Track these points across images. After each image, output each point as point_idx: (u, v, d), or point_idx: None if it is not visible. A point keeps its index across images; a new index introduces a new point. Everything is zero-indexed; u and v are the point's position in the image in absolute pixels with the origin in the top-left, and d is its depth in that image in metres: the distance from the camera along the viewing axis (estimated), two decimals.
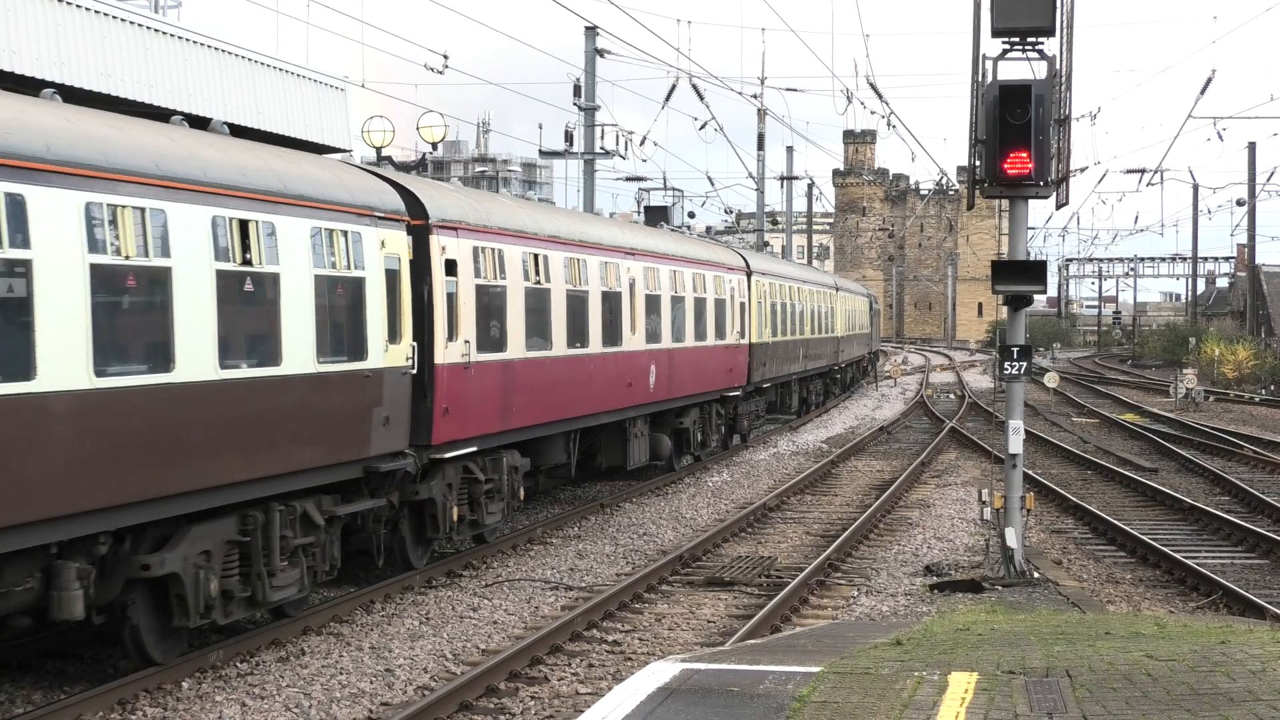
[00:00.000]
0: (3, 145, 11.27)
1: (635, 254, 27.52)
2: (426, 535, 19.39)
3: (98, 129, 12.92)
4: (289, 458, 15.18)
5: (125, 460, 12.75)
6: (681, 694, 10.50)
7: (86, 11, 21.25)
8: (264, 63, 26.07)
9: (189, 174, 13.62)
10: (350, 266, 16.36)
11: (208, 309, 13.72)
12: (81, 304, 12.06)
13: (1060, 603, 17.83)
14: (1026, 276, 18.97)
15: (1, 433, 11.25)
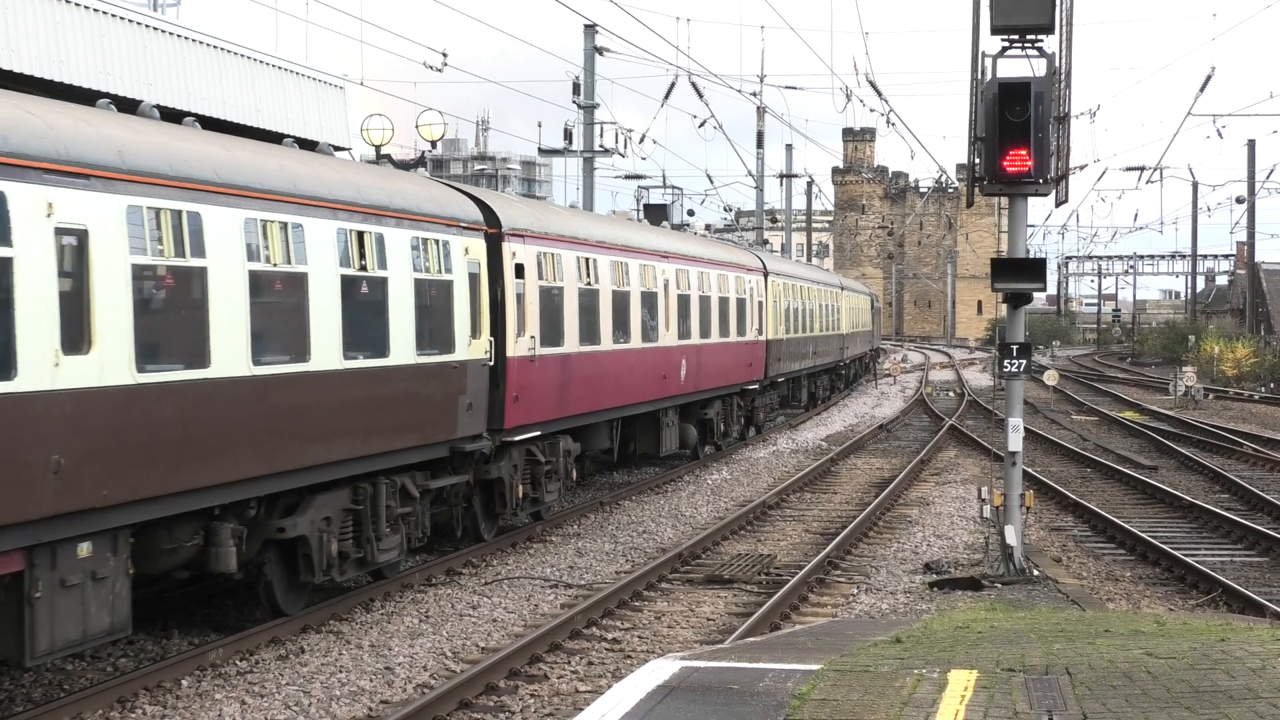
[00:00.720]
0: (186, 173, 13.66)
1: (669, 257, 29.93)
2: (494, 511, 21.61)
3: (248, 156, 15.19)
4: (393, 438, 17.46)
5: (272, 437, 14.90)
6: (681, 692, 10.50)
7: (85, 10, 21.24)
8: (263, 61, 26.06)
9: (318, 193, 15.85)
10: (441, 271, 18.73)
11: (334, 308, 15.99)
12: (243, 304, 14.26)
13: (1060, 600, 17.83)
14: (1026, 274, 18.96)
15: (185, 411, 13.50)
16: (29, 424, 11.60)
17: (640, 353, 27.42)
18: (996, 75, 18.45)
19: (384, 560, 17.68)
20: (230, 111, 23.81)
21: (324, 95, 28.15)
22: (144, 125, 14.17)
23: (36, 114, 12.28)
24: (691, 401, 32.20)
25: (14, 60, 19.24)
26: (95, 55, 21.35)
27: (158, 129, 14.32)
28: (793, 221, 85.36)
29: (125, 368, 12.66)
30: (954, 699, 9.93)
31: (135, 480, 12.90)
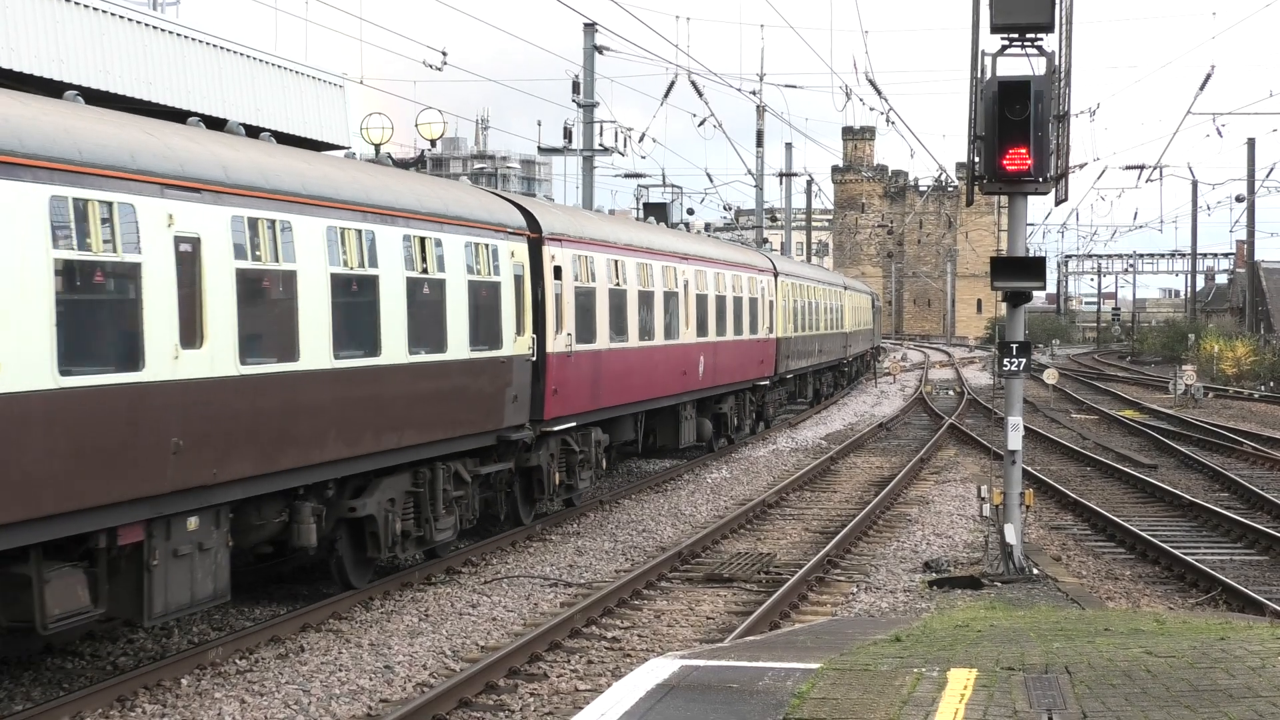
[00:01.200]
0: (278, 186, 15.13)
1: (688, 259, 31.56)
2: (533, 496, 23.09)
3: (329, 170, 16.92)
4: (449, 426, 19.03)
5: (350, 424, 16.43)
6: (680, 690, 10.50)
7: (85, 9, 21.24)
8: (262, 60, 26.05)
9: (387, 202, 17.49)
10: (490, 273, 20.27)
11: (401, 307, 17.51)
12: (326, 304, 15.80)
13: (1059, 599, 17.83)
14: (1025, 273, 18.96)
15: (280, 400, 15.05)
16: (155, 409, 13.11)
17: (663, 350, 29.07)
18: (996, 74, 18.44)
19: (440, 539, 19.26)
20: (230, 111, 23.81)
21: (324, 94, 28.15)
22: (238, 142, 15.68)
23: (156, 135, 13.84)
24: (708, 396, 33.86)
25: (13, 59, 19.24)
26: (95, 54, 21.35)
27: (251, 145, 15.88)
28: (792, 220, 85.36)
29: (231, 361, 14.20)
30: (953, 698, 9.93)
31: (238, 461, 14.37)
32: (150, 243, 13.02)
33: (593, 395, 24.69)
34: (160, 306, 13.11)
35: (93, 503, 12.48)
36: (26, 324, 11.62)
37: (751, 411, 40.08)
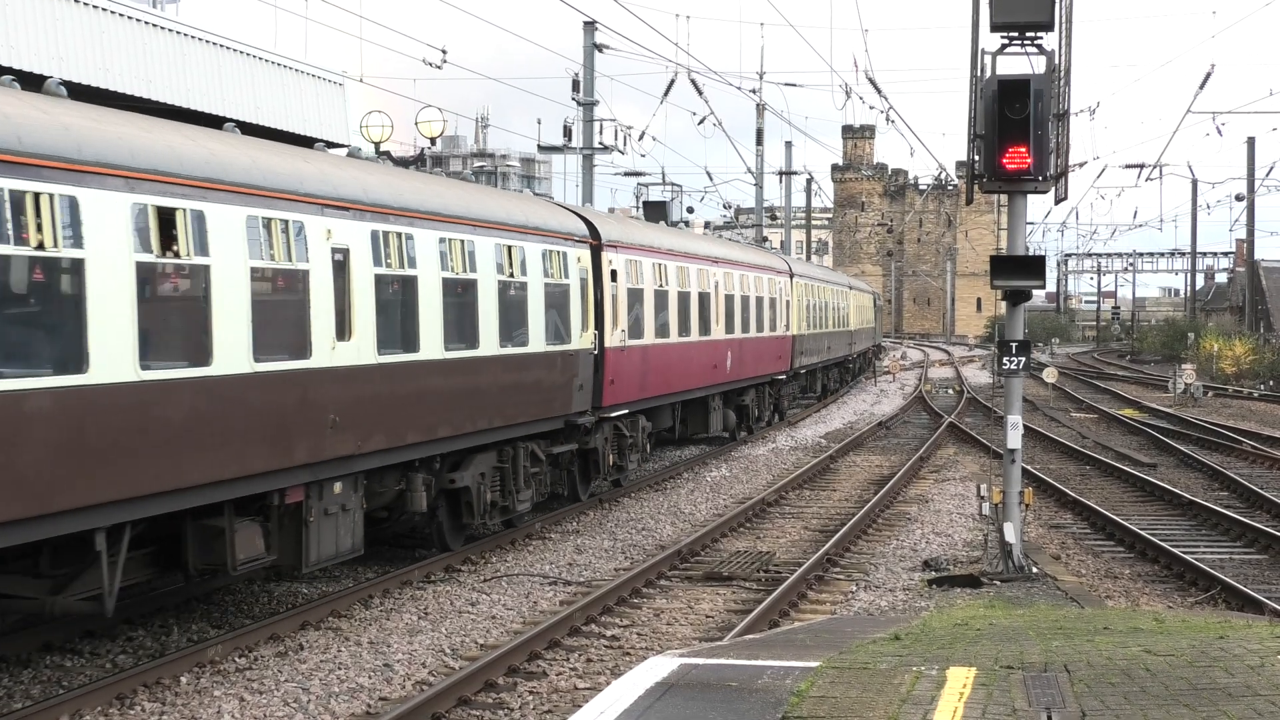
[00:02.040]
0: (404, 204, 17.83)
1: (719, 262, 34.39)
2: (589, 476, 25.69)
3: (440, 189, 19.71)
4: (528, 410, 21.72)
5: (456, 406, 19.08)
6: (679, 689, 10.50)
7: (85, 7, 21.23)
8: (262, 58, 26.05)
9: (485, 216, 20.34)
10: (561, 276, 22.93)
11: (494, 307, 20.17)
12: (439, 303, 18.38)
13: (1059, 598, 17.83)
14: (1025, 272, 18.96)
15: (406, 385, 17.60)
16: (318, 391, 15.70)
17: (698, 345, 31.94)
18: (996, 72, 18.44)
19: (520, 510, 22.04)
20: (230, 109, 23.81)
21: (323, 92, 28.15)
22: (371, 167, 18.51)
23: (313, 163, 16.46)
24: (733, 389, 36.77)
25: (13, 57, 19.24)
26: (94, 52, 21.34)
27: (381, 170, 18.70)
28: (792, 219, 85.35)
29: (371, 351, 16.83)
30: (952, 696, 9.93)
31: (375, 437, 16.89)
32: (315, 253, 15.70)
33: (641, 386, 27.42)
34: (322, 306, 15.77)
35: (272, 467, 14.94)
36: (232, 321, 14.10)
37: (770, 404, 43.12)
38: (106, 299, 12.42)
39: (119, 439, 12.75)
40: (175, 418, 13.47)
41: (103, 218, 12.42)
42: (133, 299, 12.71)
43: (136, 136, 13.33)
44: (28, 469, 11.68)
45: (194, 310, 13.84)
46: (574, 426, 23.79)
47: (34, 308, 12.08)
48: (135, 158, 12.97)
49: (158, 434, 13.24)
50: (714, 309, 33.34)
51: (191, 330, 13.83)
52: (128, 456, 12.89)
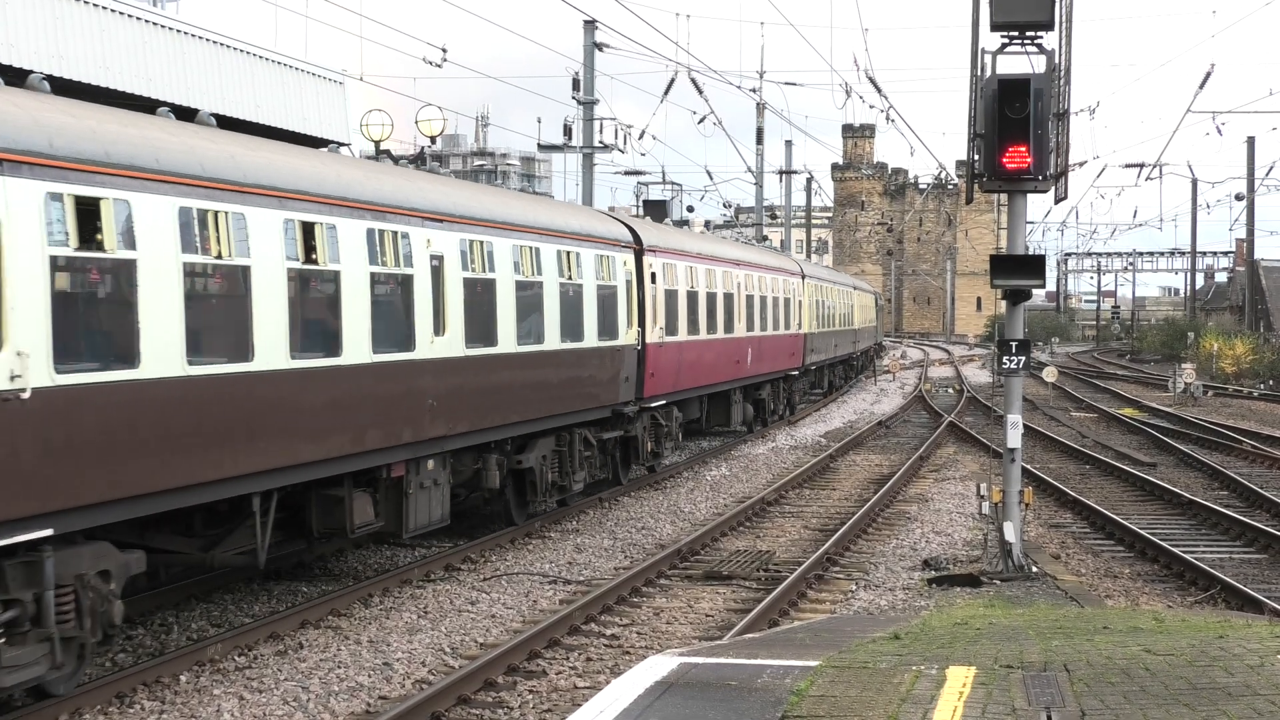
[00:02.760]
0: (486, 216, 20.48)
1: (740, 264, 36.68)
2: (628, 461, 28.22)
3: (514, 202, 22.69)
4: (583, 399, 24.12)
5: (526, 395, 21.63)
6: (679, 688, 10.50)
7: (84, 4, 21.23)
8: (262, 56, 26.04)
9: (548, 225, 22.86)
10: (610, 278, 25.36)
11: (556, 305, 22.66)
12: (512, 303, 20.91)
13: (1058, 597, 17.83)
14: (1025, 271, 18.95)
15: (488, 376, 20.12)
16: (420, 380, 18.04)
17: (723, 342, 34.28)
18: (996, 72, 18.43)
19: (575, 489, 24.55)
20: (230, 107, 23.80)
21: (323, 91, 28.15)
22: (457, 183, 21.59)
23: (415, 182, 18.93)
24: (751, 383, 39.23)
25: (13, 55, 19.23)
26: (95, 50, 21.33)
27: (466, 187, 21.83)
28: (792, 218, 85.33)
29: (460, 345, 19.19)
30: (952, 695, 9.93)
31: (462, 420, 19.30)
32: (418, 260, 18.11)
33: (675, 379, 29.78)
34: (423, 305, 18.13)
35: (382, 445, 17.14)
36: (358, 318, 16.49)
37: (784, 397, 45.80)
38: (266, 300, 14.64)
39: (274, 417, 14.96)
40: (316, 401, 15.80)
41: (263, 231, 14.61)
42: (284, 300, 14.96)
43: (283, 162, 15.59)
44: (211, 439, 13.86)
45: (330, 308, 16.08)
46: (619, 415, 26.28)
47: (215, 307, 14.27)
48: (284, 180, 15.22)
49: (302, 414, 15.55)
50: (737, 308, 35.65)
51: (328, 326, 16.08)
52: (281, 433, 15.11)
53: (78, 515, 12.32)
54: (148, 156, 13.09)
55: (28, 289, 11.49)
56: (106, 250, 12.46)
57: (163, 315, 13.13)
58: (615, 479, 27.61)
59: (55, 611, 12.11)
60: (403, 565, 19.45)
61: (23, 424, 11.50)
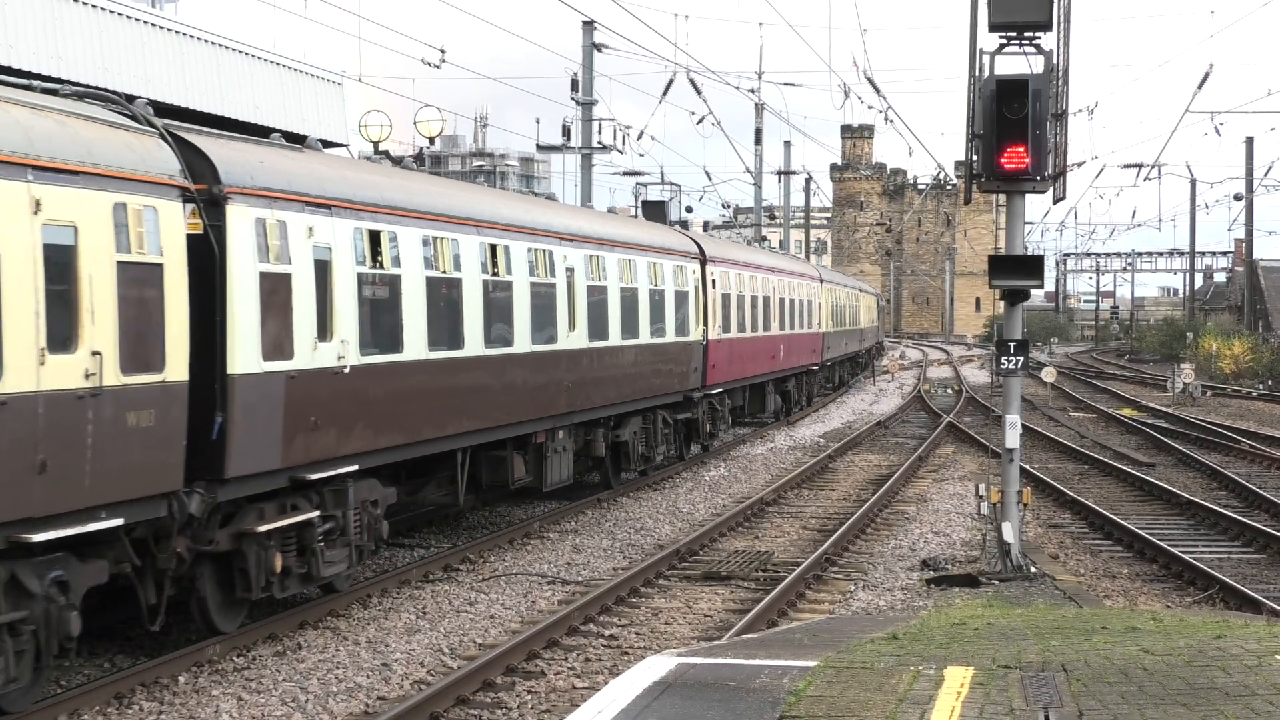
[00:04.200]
0: (601, 235, 25.75)
1: (775, 271, 42.05)
2: (690, 441, 33.08)
3: (618, 224, 29.20)
4: (663, 385, 29.18)
5: (625, 379, 26.58)
6: (677, 688, 10.50)
7: (83, 6, 21.22)
8: (261, 57, 26.03)
9: (642, 241, 28.59)
10: (684, 284, 30.68)
11: (647, 307, 27.79)
12: (618, 304, 26.04)
13: (1057, 597, 17.84)
14: (1024, 271, 18.96)
15: (600, 363, 24.90)
16: (559, 366, 23.12)
17: (763, 339, 39.28)
18: (994, 72, 18.44)
19: (658, 461, 29.82)
20: (229, 108, 23.79)
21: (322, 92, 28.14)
22: (579, 210, 29.18)
23: (552, 211, 25.00)
24: (780, 376, 43.88)
25: (11, 56, 19.22)
26: (93, 51, 21.33)
27: (586, 213, 28.46)
28: (791, 218, 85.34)
29: (584, 339, 24.26)
30: (950, 696, 9.94)
31: (584, 400, 24.24)
32: (558, 271, 23.12)
33: (728, 371, 34.53)
34: (561, 307, 23.12)
35: (532, 417, 22.18)
36: (523, 316, 21.60)
37: (805, 390, 50.66)
38: (471, 303, 19.83)
39: (473, 392, 20.03)
40: (497, 382, 20.78)
41: (469, 252, 19.88)
42: (480, 303, 20.07)
43: (482, 200, 21.77)
44: (440, 406, 18.94)
45: (506, 309, 21.16)
46: (689, 399, 31.27)
47: (442, 308, 18.98)
48: (483, 213, 20.80)
49: (489, 391, 20.53)
50: (772, 310, 40.64)
51: (506, 322, 21.12)
52: (477, 404, 20.20)
53: (369, 457, 17.03)
54: (405, 200, 18.23)
55: (347, 298, 16.39)
56: (384, 268, 17.37)
57: (415, 314, 18.11)
58: (680, 455, 32.23)
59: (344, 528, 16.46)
60: (401, 566, 19.45)
61: (345, 390, 16.34)
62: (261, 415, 14.85)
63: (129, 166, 12.99)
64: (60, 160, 12.08)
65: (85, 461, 12.26)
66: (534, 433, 22.40)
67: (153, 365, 13.11)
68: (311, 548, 15.74)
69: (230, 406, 14.24)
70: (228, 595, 15.02)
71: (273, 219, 15.08)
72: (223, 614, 15.09)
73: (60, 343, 11.97)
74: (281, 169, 15.71)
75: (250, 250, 14.65)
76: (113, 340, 12.53)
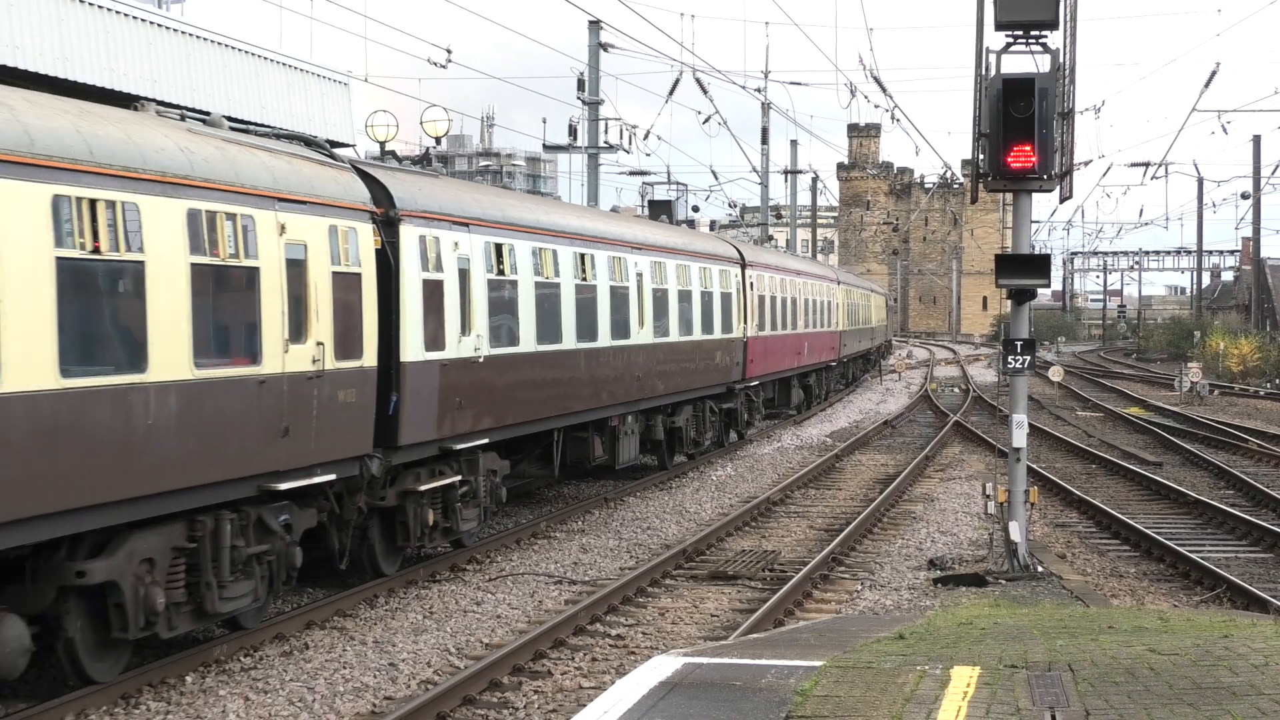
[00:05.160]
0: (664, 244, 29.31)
1: (800, 274, 46.01)
2: (729, 429, 36.55)
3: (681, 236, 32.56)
4: (711, 378, 32.68)
5: (681, 371, 29.89)
6: (684, 688, 10.50)
7: (90, 7, 21.24)
8: (268, 58, 26.06)
9: (696, 249, 32.41)
10: (728, 287, 34.15)
11: (699, 307, 31.36)
12: (676, 304, 29.40)
13: (1064, 597, 17.83)
14: (1030, 270, 18.95)
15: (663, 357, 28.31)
16: (631, 359, 26.37)
17: (791, 337, 43.23)
18: (1001, 71, 18.42)
19: (704, 445, 33.51)
20: (235, 108, 23.81)
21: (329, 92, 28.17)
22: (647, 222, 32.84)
23: (625, 223, 28.73)
24: (804, 371, 47.50)
25: (18, 56, 19.25)
26: (100, 52, 21.35)
27: (652, 225, 31.64)
28: (797, 217, 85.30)
29: (650, 335, 27.61)
30: (956, 695, 9.93)
31: (649, 388, 27.84)
32: (631, 276, 26.69)
33: (763, 365, 38.02)
34: (634, 309, 26.73)
35: (610, 402, 25.54)
36: (604, 314, 25.02)
37: (825, 385, 54.52)
38: (567, 304, 23.29)
39: (568, 381, 23.50)
40: (585, 373, 24.12)
41: (565, 260, 23.33)
42: (574, 303, 23.57)
43: (573, 216, 25.23)
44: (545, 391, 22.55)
45: (592, 308, 24.53)
46: (730, 391, 34.73)
47: (546, 309, 22.31)
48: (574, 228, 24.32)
49: (577, 381, 23.96)
50: (799, 310, 44.46)
51: (591, 320, 24.46)
52: (569, 389, 23.60)
53: (494, 432, 20.52)
54: (519, 218, 21.97)
55: (480, 300, 19.90)
56: (505, 275, 20.86)
57: (527, 314, 21.71)
58: (720, 442, 35.56)
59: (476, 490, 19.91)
60: (408, 566, 19.46)
61: (479, 377, 19.89)
62: (423, 396, 18.27)
63: (337, 196, 16.23)
64: (295, 193, 15.22)
65: (312, 428, 15.39)
66: (609, 417, 25.88)
67: (355, 353, 16.33)
68: (452, 507, 19.26)
69: (402, 388, 17.62)
70: (388, 544, 18.37)
71: (430, 235, 18.56)
72: (386, 559, 18.42)
73: (297, 335, 15.08)
74: (435, 195, 19.23)
75: (416, 261, 18.12)
76: (330, 333, 15.70)
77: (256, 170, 14.67)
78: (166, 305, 13.03)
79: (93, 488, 12.25)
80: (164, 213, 13.02)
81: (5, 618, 11.93)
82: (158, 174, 12.99)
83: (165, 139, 13.51)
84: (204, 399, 13.63)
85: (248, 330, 14.43)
